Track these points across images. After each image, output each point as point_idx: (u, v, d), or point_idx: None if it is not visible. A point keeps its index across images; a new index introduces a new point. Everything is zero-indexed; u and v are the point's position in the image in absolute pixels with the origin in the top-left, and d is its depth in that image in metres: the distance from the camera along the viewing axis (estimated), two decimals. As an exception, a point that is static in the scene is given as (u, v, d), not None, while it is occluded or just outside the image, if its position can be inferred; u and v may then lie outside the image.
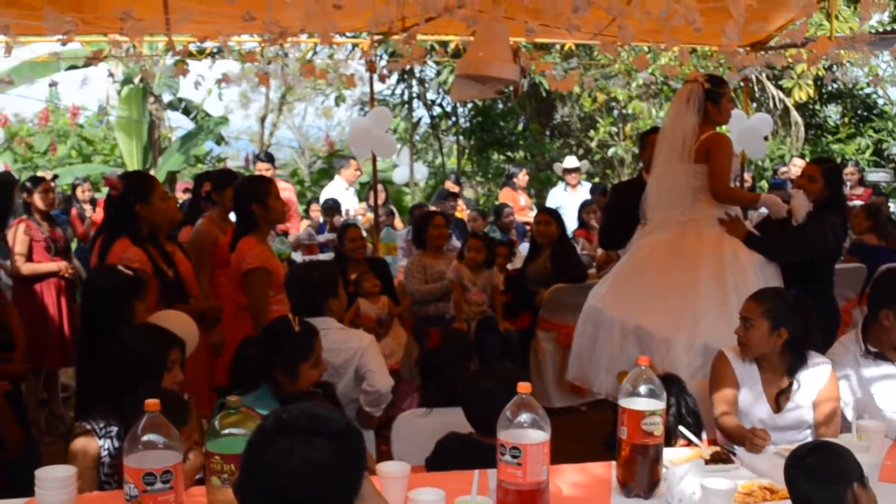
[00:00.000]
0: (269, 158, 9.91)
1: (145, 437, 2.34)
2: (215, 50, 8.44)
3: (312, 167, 20.40)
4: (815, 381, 3.59)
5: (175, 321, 3.87)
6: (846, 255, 7.04)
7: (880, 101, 16.21)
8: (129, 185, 4.47)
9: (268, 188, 4.65)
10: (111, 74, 13.47)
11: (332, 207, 9.73)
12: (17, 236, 6.23)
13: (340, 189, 10.36)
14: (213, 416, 2.59)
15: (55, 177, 7.85)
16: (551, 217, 7.00)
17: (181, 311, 4.11)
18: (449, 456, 3.21)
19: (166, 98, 16.05)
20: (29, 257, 6.22)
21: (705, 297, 4.66)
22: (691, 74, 5.16)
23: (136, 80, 14.62)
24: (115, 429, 3.04)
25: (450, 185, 11.39)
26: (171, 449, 2.35)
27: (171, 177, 14.51)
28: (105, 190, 10.01)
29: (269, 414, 1.90)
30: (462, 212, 10.34)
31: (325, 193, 10.40)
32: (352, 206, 10.10)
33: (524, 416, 2.53)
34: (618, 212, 5.83)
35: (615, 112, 15.29)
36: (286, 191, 8.98)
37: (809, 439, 3.54)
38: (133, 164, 14.59)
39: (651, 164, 5.23)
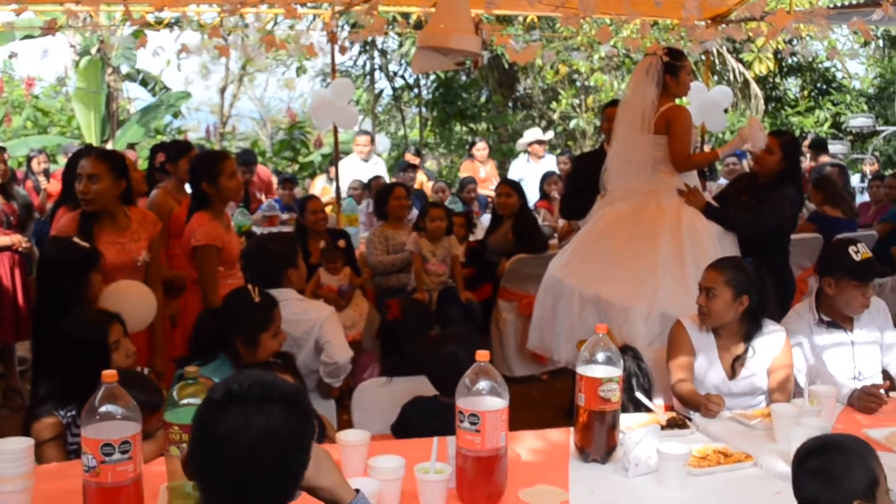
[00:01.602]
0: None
1: (102, 408, 2.32)
2: (173, 20, 8.33)
3: (274, 138, 20.23)
4: (769, 348, 3.66)
5: (132, 291, 3.85)
6: (804, 223, 7.13)
7: (839, 75, 16.38)
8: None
9: (220, 167, 4.59)
10: (72, 46, 13.24)
11: (290, 180, 9.66)
12: None
13: (357, 164, 10.18)
14: (171, 387, 2.59)
15: (2, 149, 7.69)
16: (512, 189, 7.02)
17: (137, 281, 4.10)
18: (415, 420, 3.24)
19: (124, 69, 15.79)
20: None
21: (663, 266, 4.72)
22: (651, 47, 5.19)
23: (94, 51, 14.38)
24: (74, 403, 3.05)
25: (410, 157, 11.36)
26: (129, 420, 2.34)
27: (131, 149, 14.29)
28: (62, 162, 9.91)
29: (216, 386, 1.87)
30: (423, 184, 10.34)
31: (345, 171, 9.61)
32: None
33: (482, 384, 2.55)
34: (579, 183, 5.88)
35: (577, 84, 15.32)
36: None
37: (763, 405, 3.61)
38: (91, 135, 14.37)
39: (612, 135, 5.27)
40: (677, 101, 5.17)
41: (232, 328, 3.41)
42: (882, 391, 3.49)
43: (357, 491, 2.04)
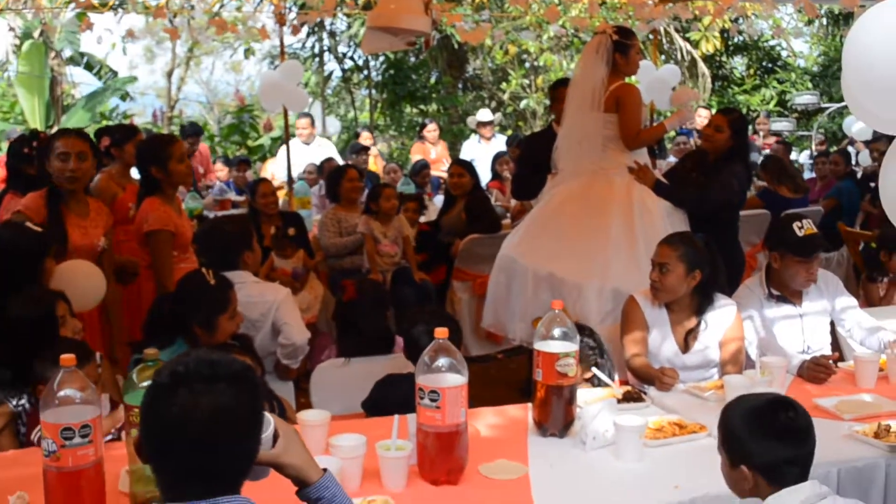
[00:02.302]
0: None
1: (61, 393, 2.31)
2: (118, 2, 8.21)
3: (222, 122, 20.02)
4: (721, 321, 3.73)
5: (82, 269, 3.82)
6: (753, 198, 7.22)
7: (784, 53, 16.63)
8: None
9: (169, 151, 4.53)
10: (12, 29, 12.95)
11: (244, 161, 9.59)
12: None
13: (299, 147, 10.00)
14: (129, 370, 2.58)
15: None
16: (465, 169, 7.04)
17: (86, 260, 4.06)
18: (385, 395, 3.26)
19: (67, 53, 15.51)
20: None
21: (615, 243, 4.78)
22: (600, 26, 5.23)
23: (36, 35, 14.10)
24: (25, 394, 3.03)
25: (364, 138, 11.33)
26: (89, 403, 2.33)
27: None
28: (5, 147, 9.72)
29: (161, 368, 1.86)
30: (376, 164, 10.31)
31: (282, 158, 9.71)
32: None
33: (442, 361, 2.57)
34: (530, 163, 5.90)
35: (527, 64, 15.37)
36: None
37: (716, 377, 3.68)
38: (35, 121, 14.12)
39: (561, 115, 5.30)
40: (626, 79, 5.21)
41: (189, 312, 3.39)
42: (831, 362, 3.58)
43: (325, 470, 2.05)
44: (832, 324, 4.11)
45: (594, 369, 3.35)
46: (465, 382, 2.59)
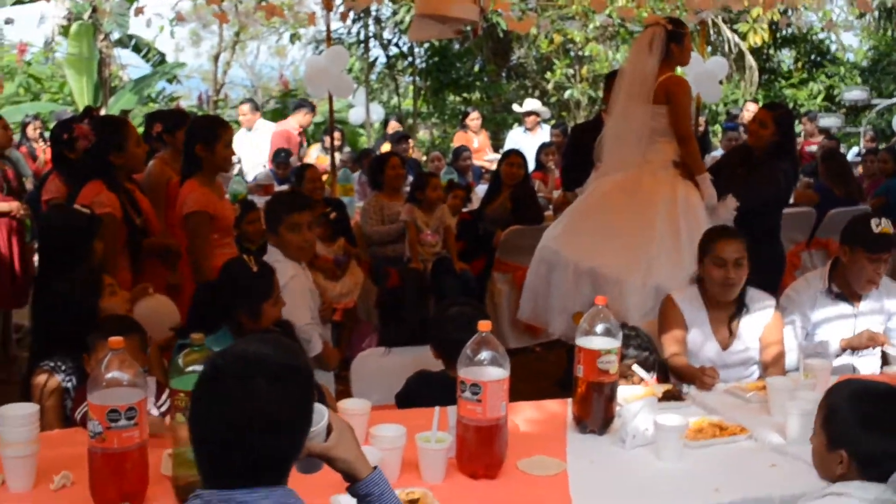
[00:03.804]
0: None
1: (109, 375, 2.34)
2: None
3: (265, 107, 20.12)
4: (760, 319, 3.70)
5: (158, 307, 3.87)
6: (809, 191, 7.10)
7: (833, 47, 16.36)
8: (103, 135, 4.46)
9: (219, 132, 4.55)
10: (66, 16, 13.12)
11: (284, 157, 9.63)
12: None
13: (241, 135, 9.85)
14: (174, 356, 2.61)
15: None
16: (523, 160, 7.04)
17: (162, 296, 4.10)
18: (421, 393, 3.26)
19: (115, 35, 15.67)
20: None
21: (659, 239, 4.73)
22: (651, 18, 5.17)
23: (86, 17, 14.26)
24: (73, 367, 3.09)
25: (392, 127, 11.36)
26: (136, 386, 2.36)
27: (124, 115, 14.23)
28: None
29: (207, 360, 1.89)
30: (412, 151, 10.33)
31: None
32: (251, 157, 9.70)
33: (484, 354, 2.57)
34: (578, 153, 5.86)
35: (572, 54, 15.28)
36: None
37: (755, 375, 3.66)
38: (83, 102, 14.26)
39: (610, 106, 5.27)
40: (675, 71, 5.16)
41: (233, 300, 3.41)
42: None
43: (375, 467, 2.06)
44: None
45: (635, 367, 3.33)
46: (506, 376, 2.59)
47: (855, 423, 2.23)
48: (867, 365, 3.90)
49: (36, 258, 5.77)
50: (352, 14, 14.13)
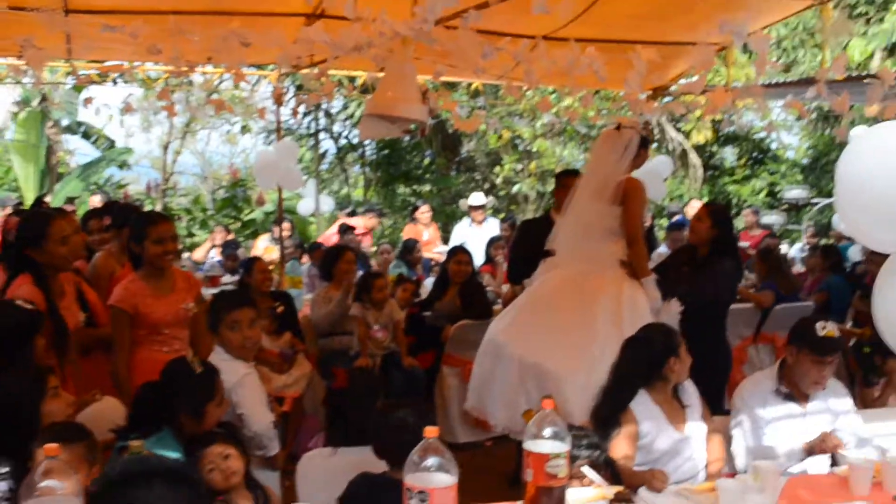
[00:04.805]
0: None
1: (43, 484, 2.26)
2: (118, 75, 8.30)
3: (215, 195, 20.11)
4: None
5: (104, 410, 3.79)
6: (763, 293, 7.21)
7: (774, 146, 16.87)
8: (21, 230, 4.42)
9: (146, 230, 4.49)
10: (16, 102, 13.11)
11: (233, 249, 9.63)
12: None
13: None
14: (111, 459, 2.54)
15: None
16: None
17: (111, 398, 4.00)
18: (361, 495, 3.19)
19: (64, 122, 15.66)
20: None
21: (603, 337, 4.74)
22: (624, 120, 5.28)
23: (35, 104, 14.24)
24: (7, 470, 2.98)
25: (343, 218, 11.46)
26: (74, 495, 2.28)
27: (70, 203, 14.11)
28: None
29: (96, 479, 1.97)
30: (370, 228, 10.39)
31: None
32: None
33: (431, 460, 2.53)
34: (525, 247, 5.91)
35: (520, 149, 15.55)
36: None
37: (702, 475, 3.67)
38: (29, 188, 14.19)
39: (563, 203, 5.34)
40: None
41: (175, 401, 3.34)
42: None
43: None
44: None
45: (585, 469, 3.31)
46: (454, 483, 2.54)
47: None
48: (817, 465, 3.91)
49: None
50: (302, 107, 14.31)
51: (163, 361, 3.59)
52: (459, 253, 7.22)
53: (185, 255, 10.53)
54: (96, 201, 10.70)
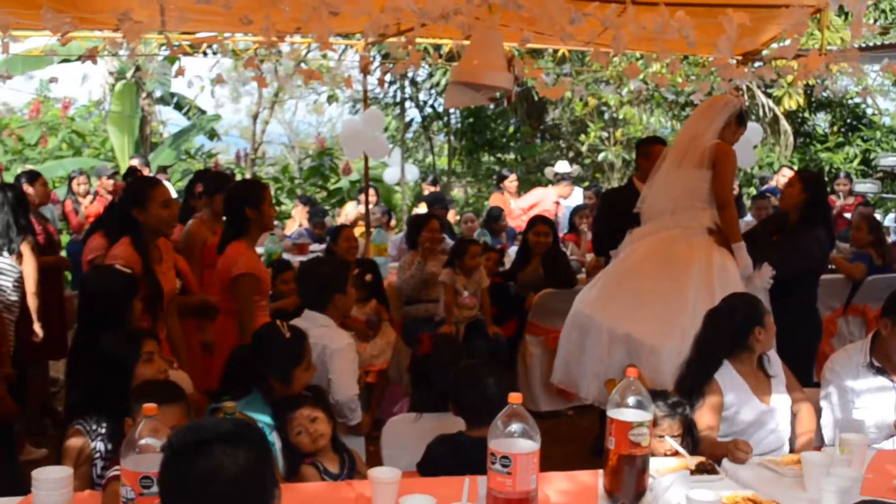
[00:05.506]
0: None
1: (143, 441, 2.37)
2: (208, 46, 8.46)
3: (302, 164, 20.39)
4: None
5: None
6: (854, 264, 7.04)
7: (869, 111, 16.30)
8: (127, 190, 4.55)
9: (262, 193, 4.65)
10: (112, 74, 13.44)
11: (321, 217, 9.78)
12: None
13: None
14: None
15: (38, 174, 7.65)
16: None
17: (179, 371, 4.08)
18: (440, 458, 3.25)
19: (158, 93, 16.02)
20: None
21: (693, 306, 4.68)
22: (725, 96, 5.19)
23: (129, 75, 14.60)
24: (104, 429, 3.10)
25: (426, 187, 11.51)
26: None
27: (163, 171, 14.48)
28: (95, 182, 10.05)
29: (167, 440, 1.98)
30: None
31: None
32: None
33: (515, 426, 2.57)
34: (609, 219, 5.86)
35: (606, 116, 15.36)
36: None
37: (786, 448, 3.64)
38: (124, 158, 14.54)
39: (646, 171, 5.28)
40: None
41: (264, 364, 3.45)
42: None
43: None
44: None
45: (668, 438, 3.30)
46: (537, 449, 2.58)
47: None
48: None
49: (73, 310, 5.83)
50: (388, 76, 14.38)
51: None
52: (539, 224, 7.13)
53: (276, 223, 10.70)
54: (136, 163, 10.93)
